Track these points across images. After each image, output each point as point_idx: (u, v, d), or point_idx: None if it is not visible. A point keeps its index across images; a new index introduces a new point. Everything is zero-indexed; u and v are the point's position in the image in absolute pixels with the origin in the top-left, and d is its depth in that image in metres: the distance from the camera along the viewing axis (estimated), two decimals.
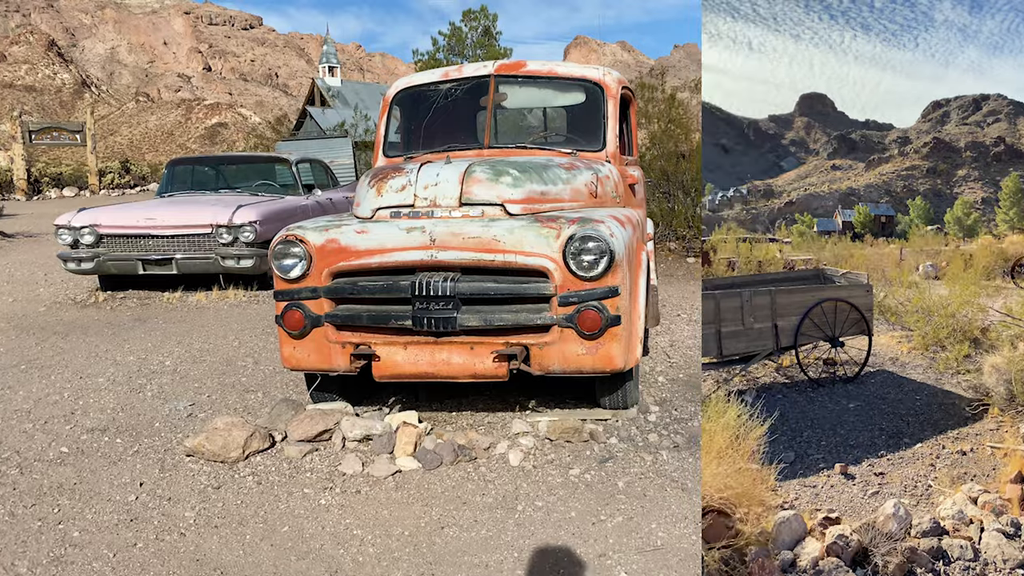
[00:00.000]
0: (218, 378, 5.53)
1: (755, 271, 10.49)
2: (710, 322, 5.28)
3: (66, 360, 6.10)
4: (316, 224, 4.11)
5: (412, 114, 5.46)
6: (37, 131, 33.04)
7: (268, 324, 7.28)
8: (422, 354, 3.92)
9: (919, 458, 3.96)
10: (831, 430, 4.66)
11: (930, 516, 2.87)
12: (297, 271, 4.01)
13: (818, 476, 3.68)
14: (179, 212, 8.56)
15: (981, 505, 2.97)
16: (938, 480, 3.50)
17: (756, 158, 58.59)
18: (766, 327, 5.49)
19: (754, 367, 6.02)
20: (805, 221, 18.68)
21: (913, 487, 3.47)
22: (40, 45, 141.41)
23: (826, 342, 5.92)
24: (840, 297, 5.81)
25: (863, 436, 4.44)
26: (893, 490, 3.46)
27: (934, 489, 3.38)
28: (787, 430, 4.59)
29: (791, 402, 5.41)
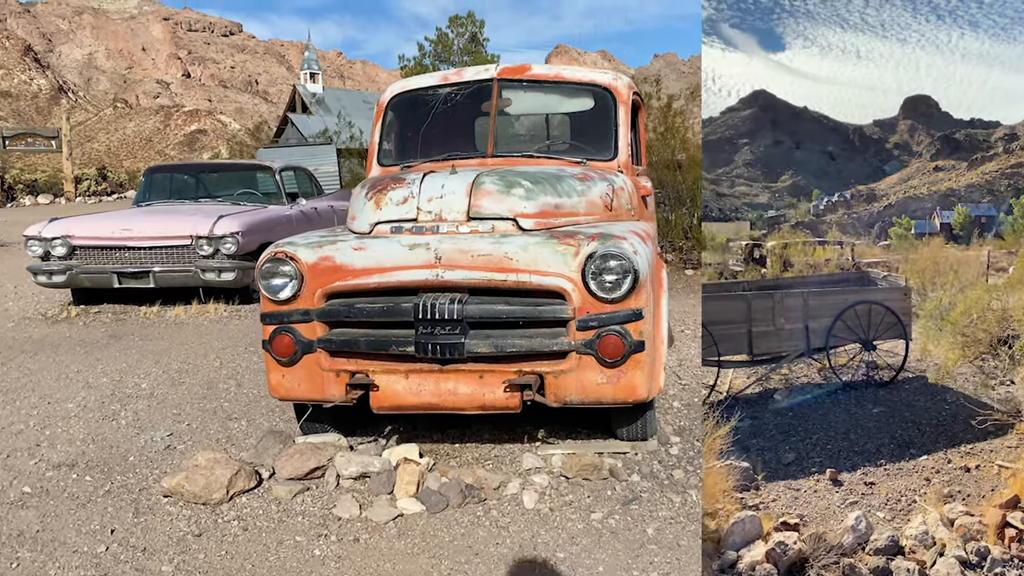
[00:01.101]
0: (198, 403, 5.13)
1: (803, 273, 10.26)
2: (741, 322, 5.29)
3: (33, 383, 5.67)
4: (308, 240, 3.74)
5: (408, 120, 5.11)
6: (11, 137, 32.29)
7: (251, 341, 6.88)
8: (426, 383, 3.56)
9: (918, 471, 3.73)
10: (843, 434, 4.48)
11: (890, 534, 2.71)
12: (287, 292, 3.64)
13: (807, 480, 3.53)
14: (157, 222, 8.14)
15: (956, 528, 2.78)
16: (925, 496, 3.30)
17: (860, 163, 58.18)
18: (797, 328, 5.44)
19: (798, 366, 5.96)
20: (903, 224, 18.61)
21: (897, 501, 3.29)
22: (16, 50, 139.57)
23: (859, 345, 5.77)
24: (874, 300, 5.65)
25: (871, 443, 4.25)
26: (874, 501, 3.27)
27: (917, 505, 3.20)
28: (800, 430, 4.48)
29: (816, 403, 5.24)
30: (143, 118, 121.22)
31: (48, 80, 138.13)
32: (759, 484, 3.32)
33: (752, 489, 3.20)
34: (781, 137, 33.76)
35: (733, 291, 6.64)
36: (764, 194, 31.06)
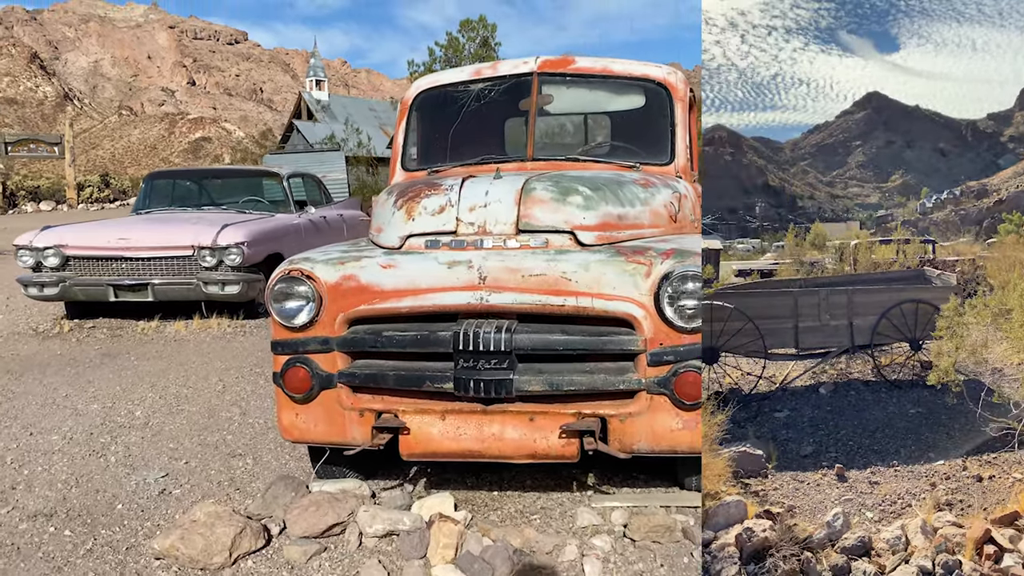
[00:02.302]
0: (198, 435, 4.57)
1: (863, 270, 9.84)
2: (788, 317, 5.35)
3: (16, 409, 5.12)
4: (327, 255, 3.19)
5: (436, 120, 4.57)
6: (13, 143, 31.88)
7: (257, 361, 6.33)
8: (466, 427, 3.00)
9: (928, 475, 3.51)
10: (869, 432, 4.35)
11: (862, 534, 2.60)
12: (303, 316, 3.09)
13: (815, 473, 3.43)
14: (157, 231, 7.60)
15: (936, 537, 2.62)
16: (923, 501, 3.13)
17: (972, 159, 56.66)
18: (842, 324, 5.45)
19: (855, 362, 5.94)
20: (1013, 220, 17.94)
21: (892, 503, 3.14)
22: (22, 58, 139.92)
23: (906, 343, 5.64)
24: (922, 299, 5.39)
25: (893, 444, 4.11)
26: (869, 501, 3.14)
27: (910, 510, 3.08)
28: (830, 425, 4.42)
29: (857, 399, 5.11)
30: (148, 125, 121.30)
31: (54, 87, 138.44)
32: (768, 472, 3.23)
33: (760, 476, 3.12)
34: (893, 137, 33.21)
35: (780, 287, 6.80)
36: (875, 194, 30.50)
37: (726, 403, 4.26)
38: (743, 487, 3.03)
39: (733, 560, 2.37)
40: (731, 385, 5.43)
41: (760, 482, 3.14)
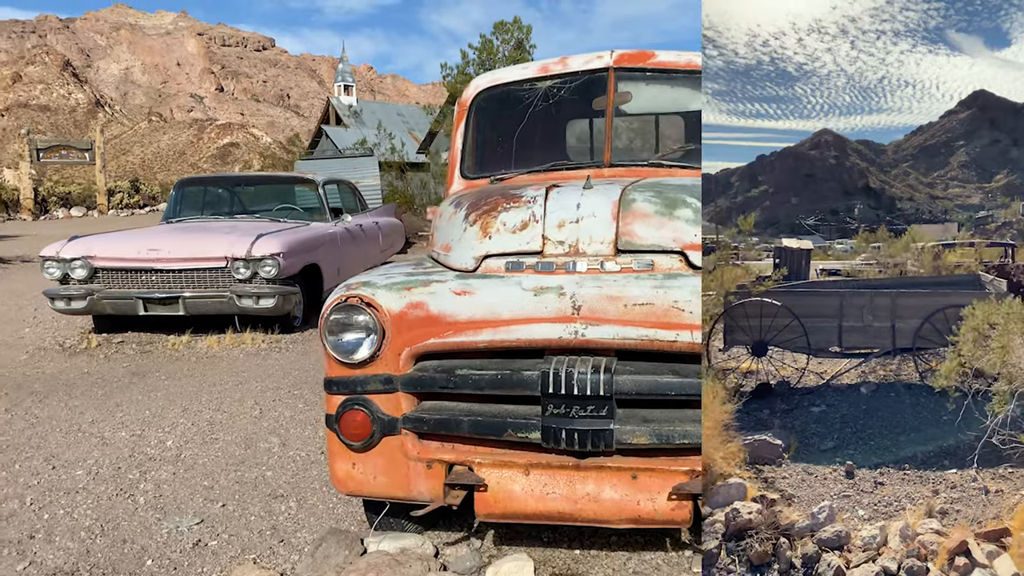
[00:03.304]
0: (235, 470, 4.14)
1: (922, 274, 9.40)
2: (832, 316, 5.32)
3: (39, 437, 4.73)
4: (390, 279, 2.74)
5: (497, 122, 4.11)
6: (45, 149, 31.99)
7: (295, 381, 5.91)
8: (555, 484, 2.53)
9: (937, 482, 3.38)
10: (895, 435, 4.23)
11: (840, 528, 2.58)
12: (364, 351, 2.64)
13: (826, 467, 3.41)
14: (188, 242, 7.22)
15: (914, 542, 2.56)
16: (916, 507, 3.06)
17: None
18: (885, 327, 5.36)
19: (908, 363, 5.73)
20: None
21: (888, 504, 3.08)
22: (55, 65, 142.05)
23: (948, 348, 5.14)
24: (965, 304, 4.95)
25: (913, 448, 3.99)
26: (865, 500, 3.08)
27: (903, 513, 2.99)
28: (860, 423, 4.37)
29: (894, 401, 4.94)
30: (177, 131, 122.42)
31: (86, 94, 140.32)
32: (782, 461, 3.26)
33: (773, 464, 3.19)
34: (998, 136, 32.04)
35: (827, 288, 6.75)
36: (977, 195, 29.48)
37: (767, 394, 4.35)
38: (756, 472, 3.08)
39: (715, 535, 2.49)
40: (782, 378, 5.33)
41: (772, 470, 3.18)
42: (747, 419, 3.73)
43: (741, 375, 5.18)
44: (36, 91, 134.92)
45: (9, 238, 19.70)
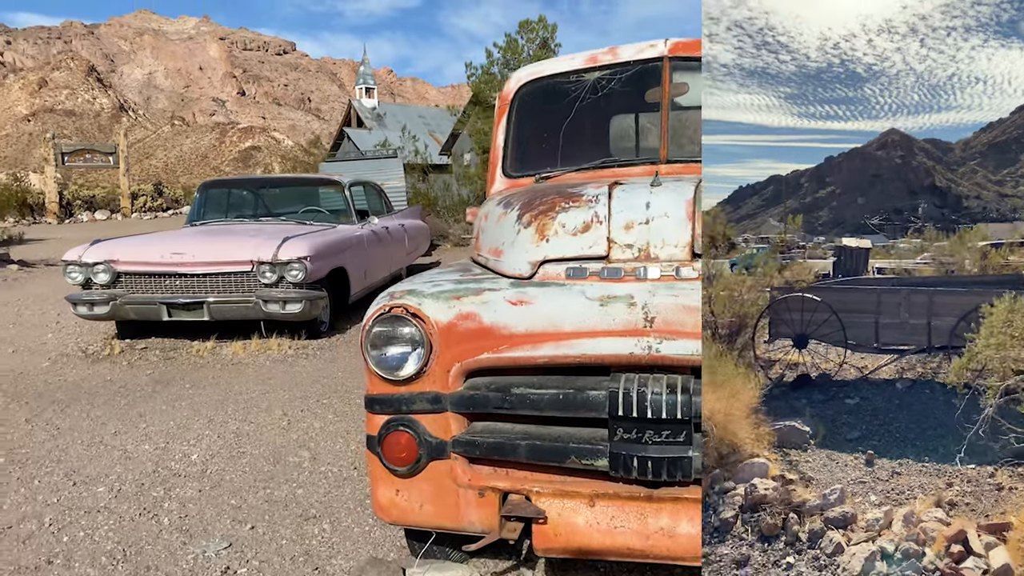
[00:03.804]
0: (263, 488, 3.91)
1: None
2: (870, 312, 5.17)
3: (60, 450, 4.53)
4: (438, 287, 2.48)
5: (541, 116, 3.85)
6: (70, 153, 32.16)
7: (322, 390, 5.69)
8: (624, 517, 2.26)
9: (953, 476, 3.31)
10: (921, 430, 4.16)
11: (847, 510, 2.62)
12: (409, 367, 2.38)
13: (849, 455, 3.46)
14: (213, 245, 7.02)
15: (916, 527, 2.57)
16: (927, 496, 3.03)
17: None
18: (921, 324, 5.14)
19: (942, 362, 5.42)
20: None
21: (900, 492, 3.08)
22: (80, 71, 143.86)
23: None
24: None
25: (939, 443, 3.88)
26: (879, 487, 3.07)
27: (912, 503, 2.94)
28: (890, 417, 4.36)
29: (928, 398, 4.74)
30: (199, 135, 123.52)
31: (110, 99, 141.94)
32: (808, 447, 3.35)
33: (799, 449, 3.30)
34: None
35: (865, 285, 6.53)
36: None
37: (806, 384, 4.41)
38: (782, 455, 3.19)
39: (733, 507, 2.56)
40: (824, 371, 5.32)
41: (798, 454, 3.31)
42: (782, 406, 3.79)
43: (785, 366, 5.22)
44: (62, 96, 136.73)
45: (34, 241, 19.72)
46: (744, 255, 4.71)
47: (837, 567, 2.40)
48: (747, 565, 2.34)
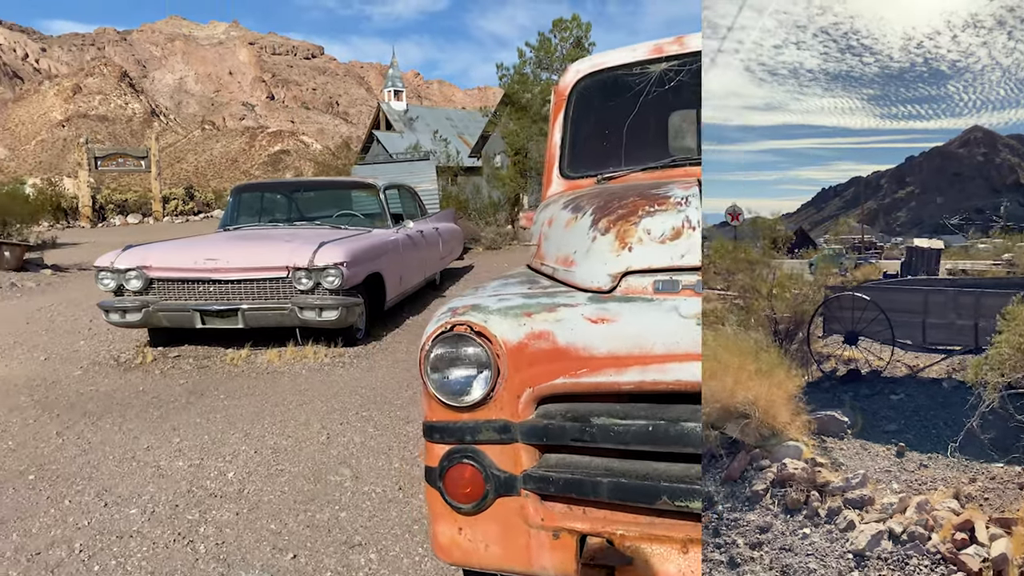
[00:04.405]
0: (304, 510, 3.67)
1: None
2: (917, 312, 5.04)
3: (92, 466, 4.34)
4: (504, 301, 2.22)
5: (603, 112, 3.57)
6: (103, 157, 32.48)
7: (362, 402, 5.46)
8: None
9: (979, 472, 3.21)
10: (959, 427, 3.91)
11: (865, 493, 2.74)
12: (476, 392, 2.12)
13: (882, 446, 3.43)
14: (247, 251, 6.83)
15: (927, 513, 2.64)
16: (947, 488, 3.02)
17: None
18: (968, 325, 5.00)
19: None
20: None
21: (923, 483, 3.03)
22: (113, 76, 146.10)
23: None
24: None
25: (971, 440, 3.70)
26: (903, 476, 3.02)
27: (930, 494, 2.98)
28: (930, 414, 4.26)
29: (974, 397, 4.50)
30: (229, 139, 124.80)
31: (142, 104, 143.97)
32: (844, 435, 3.40)
33: (836, 437, 3.36)
34: None
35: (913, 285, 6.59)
36: None
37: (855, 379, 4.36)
38: (819, 441, 3.30)
39: (763, 480, 2.72)
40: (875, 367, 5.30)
41: (834, 441, 3.38)
42: (828, 398, 3.83)
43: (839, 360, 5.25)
44: (95, 102, 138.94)
45: (68, 245, 19.81)
46: (821, 256, 4.56)
47: (846, 541, 2.56)
48: (768, 531, 2.55)
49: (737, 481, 3.16)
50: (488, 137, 27.83)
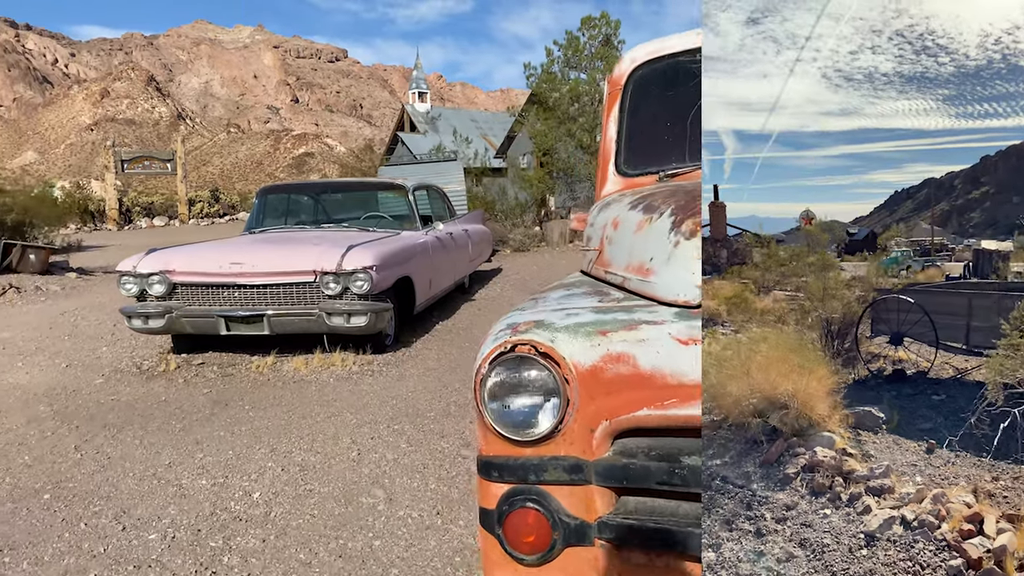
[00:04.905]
0: (336, 537, 3.39)
1: None
2: (961, 315, 5.18)
3: (110, 484, 4.08)
4: (573, 317, 1.91)
5: (662, 102, 3.25)
6: (129, 160, 32.63)
7: (392, 414, 5.17)
8: None
9: (1003, 471, 3.19)
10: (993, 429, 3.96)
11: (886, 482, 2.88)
12: (543, 424, 1.82)
13: (914, 442, 3.43)
14: (273, 254, 6.58)
15: (941, 505, 2.74)
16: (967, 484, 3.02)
17: None
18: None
19: None
20: None
21: (945, 478, 3.04)
22: (140, 80, 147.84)
23: None
24: None
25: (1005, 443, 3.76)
26: (927, 471, 3.09)
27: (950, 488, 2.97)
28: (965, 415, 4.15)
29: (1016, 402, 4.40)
30: (254, 142, 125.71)
31: (168, 108, 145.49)
32: (879, 430, 3.48)
33: (870, 431, 3.44)
34: None
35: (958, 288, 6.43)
36: None
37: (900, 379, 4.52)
38: (854, 434, 3.36)
39: (795, 465, 2.94)
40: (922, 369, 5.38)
41: (868, 435, 3.48)
42: (869, 395, 3.94)
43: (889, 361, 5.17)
44: (122, 105, 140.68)
45: (94, 248, 19.79)
46: (890, 258, 4.40)
47: (861, 523, 2.70)
48: (793, 509, 2.74)
49: (773, 464, 3.39)
50: (514, 138, 27.53)
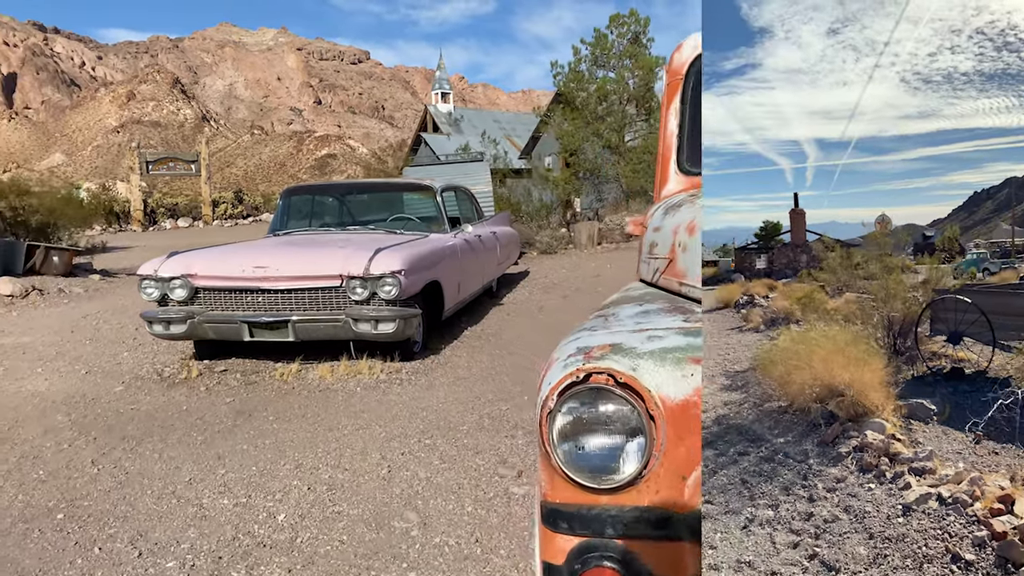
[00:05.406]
0: (366, 568, 3.12)
1: None
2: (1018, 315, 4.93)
3: (127, 503, 3.84)
4: (656, 341, 1.61)
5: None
6: (154, 161, 32.75)
7: (423, 427, 4.90)
8: None
9: None
10: None
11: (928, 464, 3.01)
12: (626, 469, 1.52)
13: (963, 433, 3.28)
14: (298, 258, 6.34)
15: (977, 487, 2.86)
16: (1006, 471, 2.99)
17: None
18: None
19: None
20: None
21: (986, 466, 2.96)
22: (166, 83, 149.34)
23: None
24: None
25: None
26: (971, 459, 3.00)
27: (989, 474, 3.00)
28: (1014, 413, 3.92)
29: None
30: (277, 144, 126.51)
31: (193, 110, 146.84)
32: (930, 421, 3.50)
33: (921, 421, 3.48)
34: None
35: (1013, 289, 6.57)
36: None
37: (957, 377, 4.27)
38: (905, 422, 3.46)
39: (850, 446, 3.13)
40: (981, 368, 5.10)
41: (919, 425, 3.53)
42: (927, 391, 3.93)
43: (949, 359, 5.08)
44: (148, 108, 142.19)
45: (118, 249, 19.74)
46: (966, 260, 4.21)
47: (900, 497, 2.92)
48: (843, 482, 2.98)
49: (829, 444, 3.65)
50: (539, 138, 27.22)
